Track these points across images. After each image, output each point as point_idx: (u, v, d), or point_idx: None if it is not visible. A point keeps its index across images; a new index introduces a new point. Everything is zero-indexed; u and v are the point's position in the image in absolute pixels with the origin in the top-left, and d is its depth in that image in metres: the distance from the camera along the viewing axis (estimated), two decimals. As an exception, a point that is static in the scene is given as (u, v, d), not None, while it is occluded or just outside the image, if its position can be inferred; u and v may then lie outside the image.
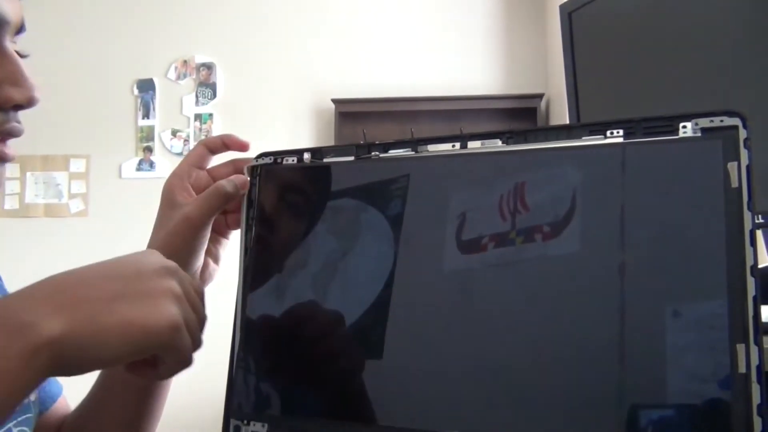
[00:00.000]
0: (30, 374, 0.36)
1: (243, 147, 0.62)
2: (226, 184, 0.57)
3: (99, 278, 0.41)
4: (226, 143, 0.62)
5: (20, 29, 0.54)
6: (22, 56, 0.54)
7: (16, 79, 0.51)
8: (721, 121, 0.42)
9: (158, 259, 0.44)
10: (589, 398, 0.42)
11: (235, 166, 0.60)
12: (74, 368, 0.38)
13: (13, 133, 0.53)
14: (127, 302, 0.40)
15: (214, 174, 0.61)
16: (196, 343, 0.44)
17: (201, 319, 0.45)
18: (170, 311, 0.41)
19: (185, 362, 0.43)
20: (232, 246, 0.62)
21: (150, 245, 0.58)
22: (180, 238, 0.56)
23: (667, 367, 0.40)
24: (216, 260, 0.63)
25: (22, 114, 0.53)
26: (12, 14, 0.52)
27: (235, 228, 0.61)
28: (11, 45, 0.52)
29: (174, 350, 0.41)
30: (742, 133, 0.42)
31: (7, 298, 0.39)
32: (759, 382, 0.37)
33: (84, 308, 0.38)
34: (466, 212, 0.49)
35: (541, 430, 0.44)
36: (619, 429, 0.41)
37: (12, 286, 0.61)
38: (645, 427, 0.40)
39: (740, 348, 0.38)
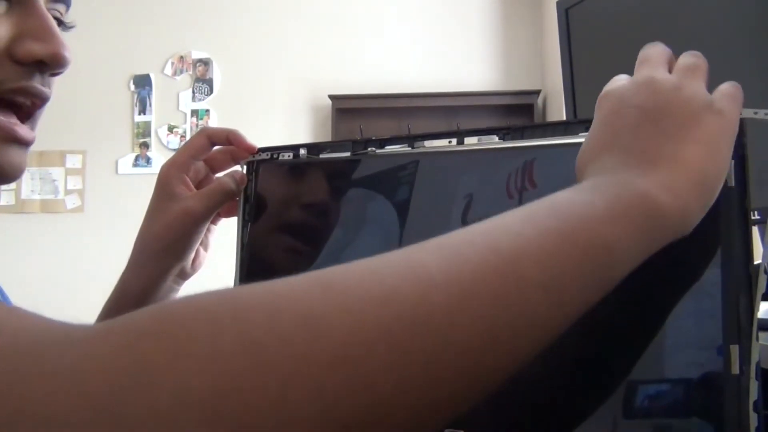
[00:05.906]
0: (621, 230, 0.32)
1: (250, 149, 0.58)
2: (230, 181, 0.57)
3: (642, 120, 0.38)
4: (231, 141, 0.58)
5: None
6: (67, 27, 0.48)
7: (41, 34, 0.43)
8: None
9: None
10: (584, 397, 0.42)
11: (233, 157, 0.60)
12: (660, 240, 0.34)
13: (32, 93, 0.45)
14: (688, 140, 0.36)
15: (212, 163, 0.60)
16: None
17: None
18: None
19: None
20: (231, 243, 0.62)
21: (143, 235, 0.57)
22: (178, 231, 0.56)
23: (663, 363, 0.40)
24: (206, 248, 0.62)
25: None
26: None
27: (227, 216, 0.61)
28: (44, 3, 0.45)
29: None
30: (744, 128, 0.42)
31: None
32: (757, 378, 0.37)
33: (662, 157, 0.35)
34: (462, 211, 0.49)
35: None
36: (615, 425, 0.41)
37: (8, 284, 0.60)
38: (641, 404, 0.40)
39: (734, 347, 0.38)
